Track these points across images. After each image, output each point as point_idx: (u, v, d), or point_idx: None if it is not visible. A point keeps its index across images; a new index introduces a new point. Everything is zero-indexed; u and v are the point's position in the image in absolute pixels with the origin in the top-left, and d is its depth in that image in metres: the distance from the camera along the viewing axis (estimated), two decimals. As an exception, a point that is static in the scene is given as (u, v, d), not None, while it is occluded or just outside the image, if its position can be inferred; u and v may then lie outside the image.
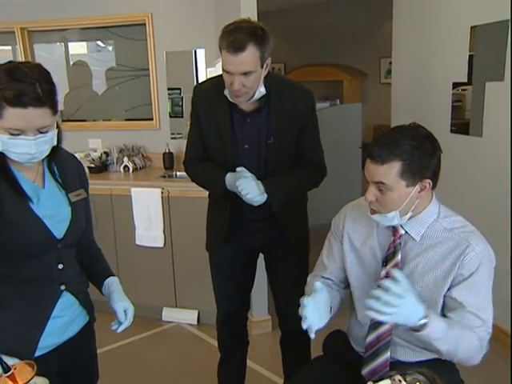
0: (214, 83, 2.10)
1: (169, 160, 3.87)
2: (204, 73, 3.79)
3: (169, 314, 3.61)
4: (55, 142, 1.45)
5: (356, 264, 1.74)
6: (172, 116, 3.97)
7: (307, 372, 1.87)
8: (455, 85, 3.23)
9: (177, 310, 3.60)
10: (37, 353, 1.50)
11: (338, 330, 1.91)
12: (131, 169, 3.82)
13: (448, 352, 1.50)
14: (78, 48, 4.19)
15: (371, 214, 1.62)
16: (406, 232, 1.63)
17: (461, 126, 3.21)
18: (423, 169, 1.53)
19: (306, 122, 2.10)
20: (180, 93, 3.91)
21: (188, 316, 3.56)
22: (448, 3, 3.27)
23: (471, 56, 3.07)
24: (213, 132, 2.11)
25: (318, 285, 1.58)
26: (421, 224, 1.62)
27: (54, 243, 1.49)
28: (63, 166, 1.57)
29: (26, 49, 4.06)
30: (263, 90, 2.01)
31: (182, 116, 3.91)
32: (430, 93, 3.50)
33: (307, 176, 2.15)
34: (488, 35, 2.93)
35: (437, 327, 1.43)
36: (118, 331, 1.63)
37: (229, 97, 2.02)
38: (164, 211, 3.43)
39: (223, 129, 2.08)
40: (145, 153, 4.03)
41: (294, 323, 2.34)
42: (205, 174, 2.18)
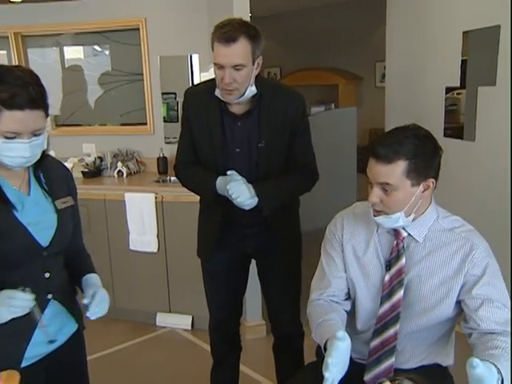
0: (205, 87, 2.10)
1: (163, 165, 3.86)
2: (199, 77, 3.80)
3: (163, 319, 3.60)
4: (45, 146, 1.44)
5: (360, 274, 1.71)
6: (167, 121, 3.97)
7: (300, 378, 1.86)
8: (448, 89, 3.24)
9: (171, 315, 3.58)
10: (23, 363, 1.47)
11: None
12: (125, 174, 3.81)
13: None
14: (75, 52, 4.17)
15: (374, 217, 1.60)
16: (409, 234, 1.63)
17: (456, 130, 3.21)
18: (427, 168, 1.53)
19: (298, 126, 2.10)
20: (175, 97, 3.91)
21: (182, 321, 3.55)
22: (440, 8, 3.28)
23: (463, 61, 3.08)
24: (203, 135, 2.10)
25: (341, 334, 1.40)
26: (423, 225, 1.62)
27: (39, 251, 1.46)
28: (50, 173, 1.56)
29: (20, 53, 4.06)
30: (254, 89, 2.01)
31: (178, 120, 3.90)
32: (424, 97, 3.51)
33: (299, 180, 2.14)
34: (480, 40, 2.94)
35: (507, 373, 1.31)
36: (87, 316, 1.52)
37: (220, 96, 2.01)
38: (158, 216, 3.43)
39: (214, 132, 2.07)
40: (139, 158, 4.03)
41: (287, 329, 2.38)
42: (195, 178, 2.17)
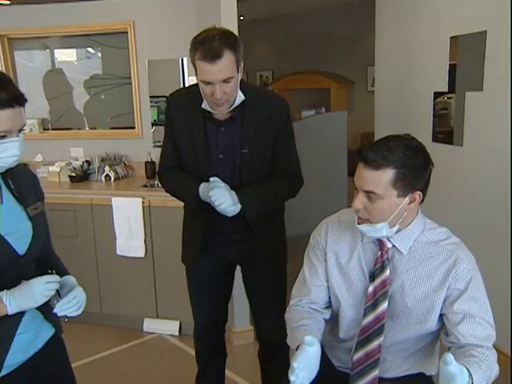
0: (188, 92, 2.08)
1: (151, 169, 3.83)
2: (187, 81, 3.78)
3: (150, 325, 3.57)
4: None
5: (343, 283, 1.69)
6: (157, 124, 3.94)
7: None
8: (436, 94, 3.23)
9: (158, 321, 3.55)
10: (2, 372, 1.46)
11: None
12: (113, 178, 3.78)
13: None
14: (66, 55, 4.13)
15: (358, 224, 1.58)
16: (394, 245, 1.60)
17: (447, 134, 3.20)
18: (415, 180, 1.51)
19: (282, 132, 2.08)
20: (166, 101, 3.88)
21: (169, 327, 3.52)
22: (428, 14, 3.27)
23: (452, 66, 3.07)
24: (186, 141, 2.08)
25: (309, 339, 1.44)
26: (408, 237, 1.60)
27: (17, 260, 1.45)
28: (18, 180, 1.53)
29: (7, 56, 4.02)
30: (242, 96, 2.00)
31: (167, 124, 3.88)
32: (412, 102, 3.50)
33: (283, 186, 2.13)
34: (467, 45, 2.93)
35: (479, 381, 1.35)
36: (55, 311, 1.49)
37: (209, 108, 1.99)
38: (145, 221, 3.40)
39: (197, 138, 2.05)
40: (127, 162, 4.00)
41: (272, 336, 2.35)
42: (178, 185, 2.15)
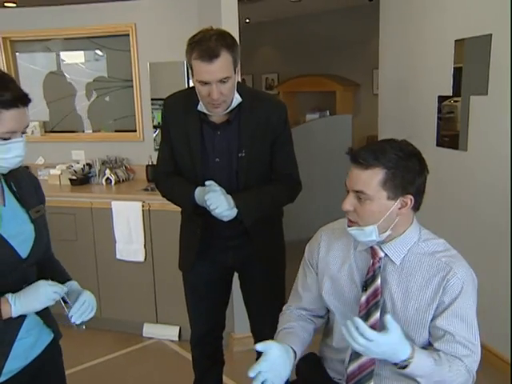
0: (184, 95, 2.05)
1: (152, 172, 3.80)
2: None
3: (149, 330, 3.53)
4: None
5: (334, 292, 1.66)
6: (160, 127, 3.89)
7: None
8: (440, 98, 3.18)
9: (158, 326, 3.51)
10: (1, 378, 1.44)
11: (312, 354, 1.83)
12: (113, 181, 3.75)
13: None
14: (72, 57, 4.09)
15: (348, 227, 1.54)
16: (386, 255, 1.55)
17: (453, 138, 3.14)
18: (407, 183, 1.47)
19: (279, 135, 2.05)
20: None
21: (169, 332, 3.48)
22: (433, 17, 3.22)
23: (456, 69, 3.02)
24: (183, 145, 2.05)
25: (259, 347, 1.50)
26: (401, 247, 1.54)
27: (20, 263, 1.44)
28: (21, 183, 1.53)
29: (9, 58, 4.01)
30: (239, 97, 1.97)
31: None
32: (416, 106, 3.45)
33: (281, 191, 2.09)
34: (472, 49, 2.88)
35: (421, 365, 1.38)
36: (72, 321, 1.50)
37: (205, 110, 1.96)
38: (145, 225, 3.37)
39: (193, 142, 2.02)
40: (128, 165, 3.97)
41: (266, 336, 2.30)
42: (174, 189, 2.12)
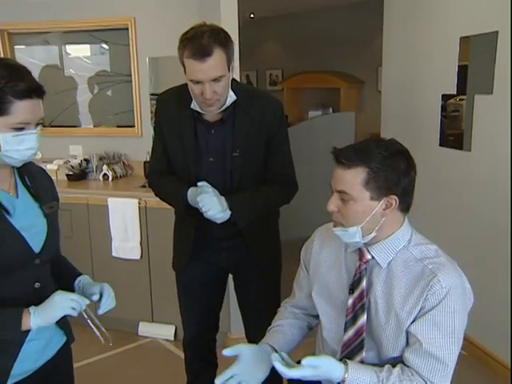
0: (177, 92, 1.98)
1: (149, 169, 3.74)
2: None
3: (145, 329, 3.48)
4: None
5: (323, 294, 1.62)
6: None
7: None
8: (445, 96, 3.10)
9: (153, 325, 3.47)
10: (9, 381, 1.41)
11: None
12: (110, 177, 3.69)
13: None
14: (73, 50, 4.03)
15: (333, 228, 1.51)
16: (373, 257, 1.50)
17: (457, 137, 3.06)
18: (391, 183, 1.41)
19: (275, 134, 1.98)
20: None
21: (165, 331, 3.43)
22: (438, 13, 3.14)
23: (460, 67, 2.94)
24: (176, 144, 1.99)
25: (224, 352, 1.50)
26: (388, 250, 1.49)
27: (32, 258, 1.41)
28: (35, 178, 1.52)
29: (6, 51, 3.95)
30: (233, 96, 1.91)
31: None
32: (420, 104, 3.37)
33: (276, 192, 2.02)
34: (477, 46, 2.80)
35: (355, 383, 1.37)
36: (100, 313, 1.51)
37: (198, 108, 1.90)
38: (141, 222, 3.31)
39: (186, 141, 1.96)
40: (126, 161, 3.91)
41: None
42: (167, 189, 2.06)
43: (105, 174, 3.70)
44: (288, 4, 7.12)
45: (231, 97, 1.89)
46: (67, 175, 3.70)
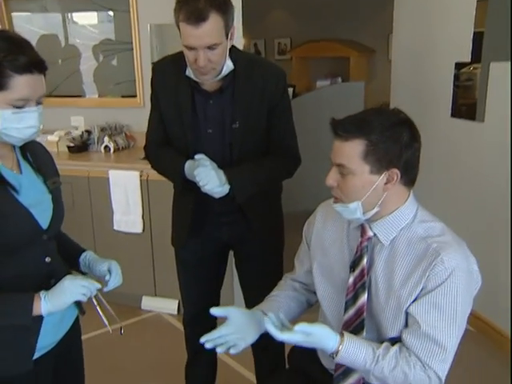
0: (174, 60, 1.88)
1: (152, 140, 3.64)
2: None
3: (148, 303, 3.45)
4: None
5: (323, 270, 1.56)
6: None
7: None
8: (458, 65, 2.96)
9: (156, 299, 3.43)
10: (34, 355, 1.41)
11: None
12: (112, 149, 3.60)
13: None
14: (77, 18, 3.89)
15: (333, 203, 1.44)
16: (375, 234, 1.43)
17: (470, 108, 2.92)
18: (392, 156, 1.33)
19: (277, 104, 1.88)
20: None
21: (168, 305, 3.39)
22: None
23: (476, 33, 2.79)
24: (173, 114, 1.90)
25: (216, 311, 1.50)
26: (391, 226, 1.41)
27: (40, 234, 1.40)
28: (36, 153, 1.50)
29: (3, 18, 3.82)
30: (231, 65, 1.80)
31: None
32: (432, 73, 3.23)
33: (277, 165, 1.94)
34: (495, 10, 2.65)
35: (350, 360, 1.33)
36: (106, 290, 1.49)
37: (193, 76, 1.80)
38: (143, 195, 3.24)
39: (184, 111, 1.87)
40: (128, 132, 3.81)
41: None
42: (164, 162, 1.98)
43: (106, 146, 3.61)
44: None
45: (228, 66, 1.79)
46: (68, 147, 3.61)
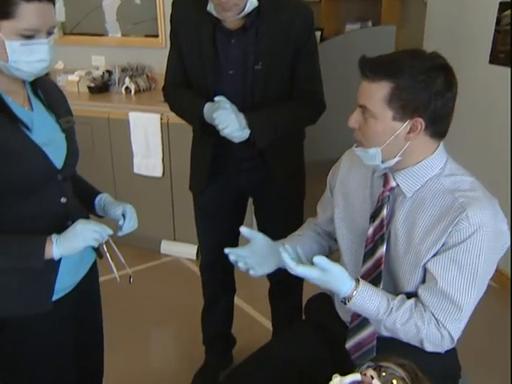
0: None
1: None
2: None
3: (167, 247, 3.45)
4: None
5: (345, 218, 1.51)
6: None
7: (284, 338, 1.68)
8: (502, 5, 2.75)
9: (175, 244, 3.43)
10: (53, 297, 1.41)
11: (323, 294, 1.68)
12: (133, 90, 3.51)
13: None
14: None
15: (355, 148, 1.37)
16: (398, 185, 1.35)
17: (510, 54, 2.74)
18: (419, 104, 1.23)
19: (304, 45, 1.77)
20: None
21: (187, 250, 3.38)
22: None
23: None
24: (193, 54, 1.81)
25: (246, 231, 1.51)
26: (415, 178, 1.33)
27: (55, 174, 1.37)
28: (48, 90, 1.43)
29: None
30: (255, 1, 1.69)
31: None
32: (471, 15, 3.02)
33: (300, 110, 1.84)
34: None
35: (363, 307, 1.30)
36: (120, 235, 1.47)
37: (214, 12, 1.70)
38: (163, 138, 3.18)
39: (205, 51, 1.77)
40: (150, 73, 3.71)
41: (283, 275, 2.14)
42: (182, 103, 1.91)
43: (127, 87, 3.53)
44: None
45: (252, 2, 1.68)
46: (89, 87, 3.54)
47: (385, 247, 1.37)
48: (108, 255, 1.43)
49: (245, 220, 2.16)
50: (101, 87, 3.56)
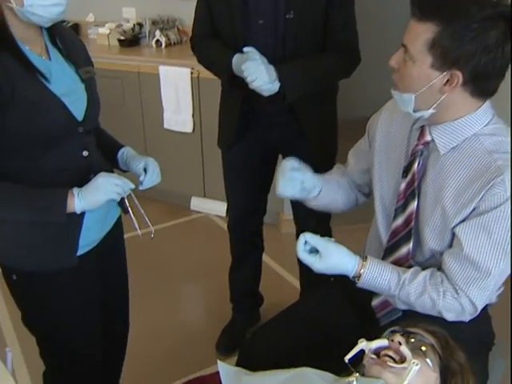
0: None
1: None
2: None
3: (197, 204, 3.44)
4: None
5: (381, 169, 1.43)
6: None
7: (312, 298, 1.65)
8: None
9: (205, 200, 3.41)
10: (78, 252, 1.40)
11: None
12: (164, 44, 3.44)
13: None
14: None
15: (392, 90, 1.29)
16: (433, 140, 1.27)
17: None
18: (461, 55, 1.12)
19: None
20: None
21: (216, 207, 3.36)
22: None
23: None
24: (221, 2, 1.72)
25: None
26: (452, 134, 1.24)
27: (75, 126, 1.33)
28: (66, 39, 1.39)
29: None
30: None
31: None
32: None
33: (334, 62, 1.75)
34: None
35: (373, 284, 1.27)
36: (141, 189, 1.44)
37: None
38: (193, 93, 3.12)
39: None
40: (181, 26, 3.62)
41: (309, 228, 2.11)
42: (211, 55, 1.84)
43: (158, 40, 3.46)
44: None
45: None
46: (119, 40, 3.49)
47: (416, 203, 1.31)
48: (129, 209, 1.41)
49: (274, 178, 2.12)
50: (131, 40, 3.50)
